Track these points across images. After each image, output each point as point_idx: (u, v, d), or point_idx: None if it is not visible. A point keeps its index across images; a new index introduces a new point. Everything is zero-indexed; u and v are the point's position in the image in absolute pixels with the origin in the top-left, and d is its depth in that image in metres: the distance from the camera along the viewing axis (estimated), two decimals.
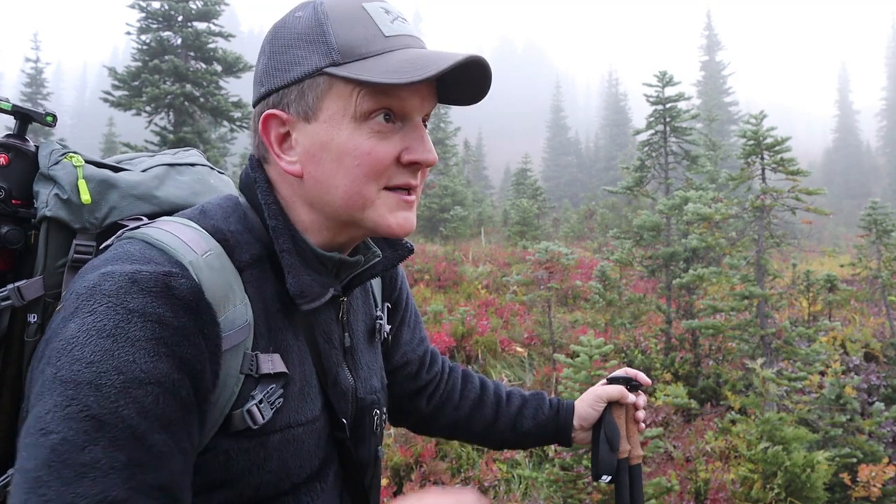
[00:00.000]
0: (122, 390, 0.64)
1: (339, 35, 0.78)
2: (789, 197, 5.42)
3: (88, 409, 0.63)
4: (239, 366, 0.77)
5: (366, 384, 0.98)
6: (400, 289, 1.16)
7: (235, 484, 0.78)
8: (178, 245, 0.77)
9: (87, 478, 0.60)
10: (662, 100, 8.04)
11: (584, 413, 1.24)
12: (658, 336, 7.35)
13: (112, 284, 0.70)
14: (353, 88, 0.78)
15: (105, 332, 0.66)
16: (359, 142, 0.79)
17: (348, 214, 0.82)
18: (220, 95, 13.01)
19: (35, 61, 27.31)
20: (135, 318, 0.68)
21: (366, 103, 0.78)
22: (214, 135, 17.54)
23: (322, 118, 0.80)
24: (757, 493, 3.86)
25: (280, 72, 0.81)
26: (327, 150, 0.80)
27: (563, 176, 50.27)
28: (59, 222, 0.89)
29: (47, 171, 0.91)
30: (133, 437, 0.64)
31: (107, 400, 0.64)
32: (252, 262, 0.83)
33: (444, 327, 7.81)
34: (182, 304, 0.71)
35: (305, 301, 0.82)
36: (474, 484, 4.40)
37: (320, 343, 0.90)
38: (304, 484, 0.85)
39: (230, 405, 0.77)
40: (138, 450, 0.64)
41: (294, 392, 0.83)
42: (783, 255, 12.31)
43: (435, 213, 21.21)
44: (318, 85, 0.79)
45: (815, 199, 5.62)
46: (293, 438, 0.83)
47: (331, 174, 0.80)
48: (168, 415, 0.67)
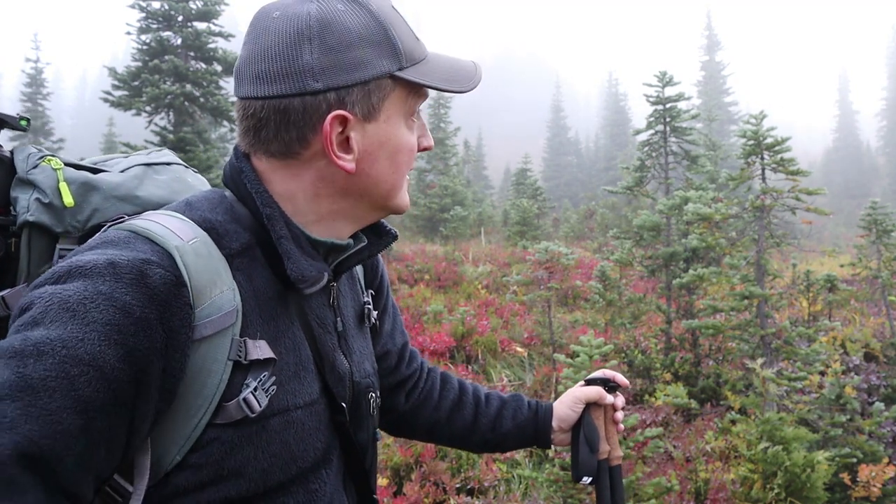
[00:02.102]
0: (60, 363, 0.65)
1: (402, 39, 0.84)
2: (789, 197, 5.42)
3: (24, 368, 0.64)
4: (227, 352, 0.77)
5: (360, 368, 0.99)
6: (381, 276, 1.16)
7: (242, 472, 0.79)
8: (164, 232, 0.77)
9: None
10: (662, 100, 8.04)
11: (563, 414, 1.24)
12: (658, 336, 7.35)
13: (90, 264, 0.71)
14: (410, 90, 0.86)
15: (67, 306, 0.67)
16: (409, 139, 0.88)
17: (385, 201, 0.90)
18: (220, 95, 12.99)
19: (35, 61, 27.29)
20: (100, 300, 0.68)
21: (416, 103, 0.88)
22: (214, 135, 17.54)
23: (382, 118, 0.84)
24: (757, 493, 3.86)
25: (345, 70, 0.80)
26: (384, 148, 0.85)
27: (563, 176, 50.23)
28: (41, 227, 0.88)
29: (26, 175, 0.90)
30: (45, 411, 0.63)
31: (42, 367, 0.64)
32: (241, 251, 0.84)
33: (444, 327, 7.81)
34: (151, 294, 0.71)
35: (307, 285, 0.84)
36: (474, 484, 4.40)
37: (315, 328, 0.91)
38: (311, 471, 0.86)
39: (219, 394, 0.77)
40: (43, 424, 0.63)
41: (288, 376, 0.84)
42: (783, 255, 12.31)
43: (435, 213, 21.21)
44: (384, 87, 0.83)
45: (815, 199, 5.62)
46: (293, 421, 0.84)
47: (385, 169, 0.87)
48: (93, 401, 0.66)
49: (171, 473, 0.76)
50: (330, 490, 0.89)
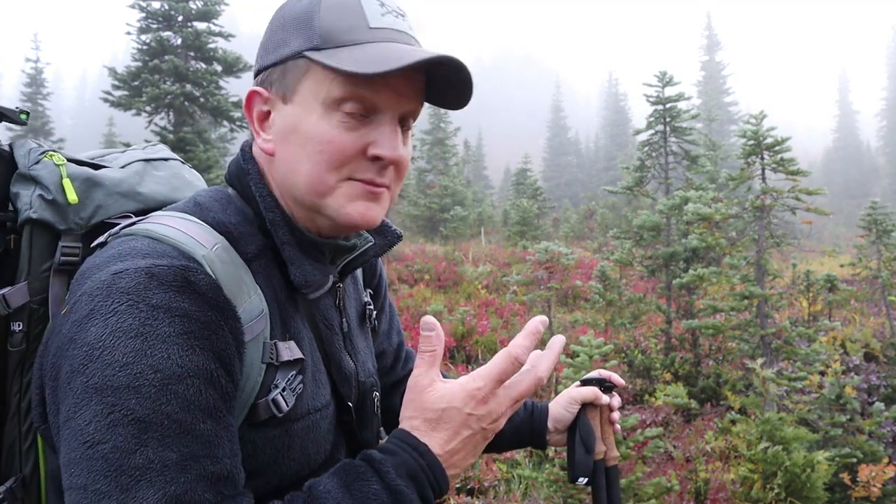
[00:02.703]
0: (162, 388, 0.64)
1: (324, 20, 0.79)
2: (789, 197, 5.42)
3: (132, 413, 0.63)
4: (260, 355, 0.78)
5: (364, 368, 0.99)
6: (379, 276, 1.16)
7: (262, 473, 0.79)
8: (186, 240, 0.75)
9: (145, 480, 0.61)
10: (662, 100, 8.04)
11: (559, 415, 1.23)
12: (658, 336, 7.35)
13: (129, 281, 0.68)
14: (326, 75, 0.78)
15: (133, 332, 0.65)
16: (324, 129, 0.78)
17: (311, 200, 0.82)
18: (220, 95, 13.00)
19: (35, 61, 27.30)
20: (160, 314, 0.67)
21: (336, 91, 0.77)
22: (214, 135, 17.53)
23: (297, 101, 0.80)
24: (757, 493, 3.86)
25: (269, 51, 0.83)
26: (295, 133, 0.80)
27: (563, 176, 50.25)
28: (43, 224, 0.86)
29: (27, 171, 0.88)
30: (181, 432, 0.64)
31: (148, 400, 0.64)
32: (258, 254, 0.83)
33: (444, 327, 7.80)
34: (204, 299, 0.70)
35: (311, 290, 0.84)
36: (474, 484, 4.40)
37: (322, 329, 0.90)
38: (319, 469, 0.86)
39: (254, 395, 0.77)
40: (188, 442, 0.64)
41: (309, 378, 0.84)
42: (783, 255, 12.31)
43: (435, 213, 21.22)
44: (297, 67, 0.80)
45: (815, 199, 5.62)
46: (313, 424, 0.84)
47: (296, 157, 0.80)
48: (211, 403, 0.67)
49: None
50: None
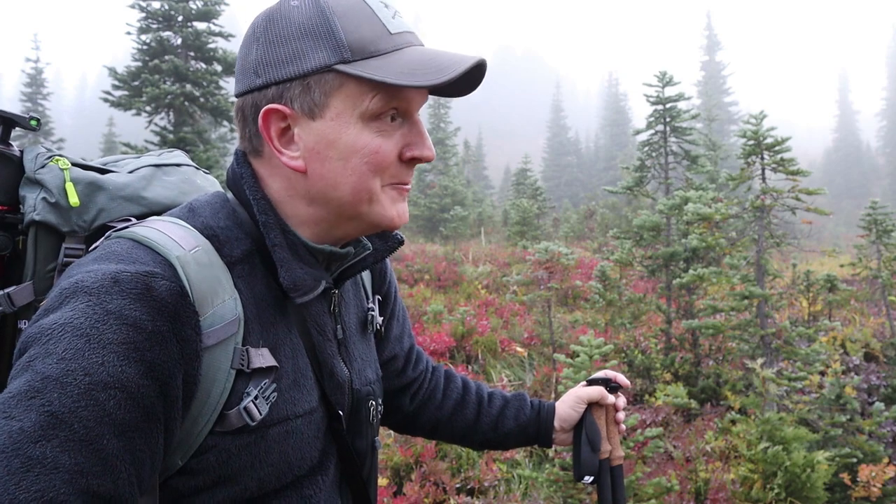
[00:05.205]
0: (86, 391, 0.64)
1: (347, 31, 0.77)
2: (789, 197, 5.42)
3: (50, 405, 0.62)
4: (229, 360, 0.77)
5: (360, 375, 0.98)
6: (389, 282, 1.15)
7: (238, 479, 0.79)
8: (166, 241, 0.76)
9: (32, 473, 0.60)
10: (662, 100, 8.04)
11: (565, 414, 1.25)
12: (658, 336, 7.35)
13: (94, 283, 0.70)
14: (363, 88, 0.77)
15: (80, 331, 0.66)
16: (366, 140, 0.79)
17: (354, 209, 0.83)
18: (220, 95, 13.00)
19: (35, 61, 27.31)
20: (111, 320, 0.67)
21: (378, 104, 0.78)
22: (214, 135, 17.56)
23: (329, 116, 0.78)
24: (757, 493, 3.86)
25: (281, 64, 0.79)
26: (334, 148, 0.79)
27: (563, 176, 50.26)
28: (47, 226, 0.89)
29: (34, 174, 0.91)
30: (85, 441, 0.63)
31: (69, 399, 0.63)
32: (243, 258, 0.83)
33: (444, 327, 7.81)
34: (160, 307, 0.71)
35: (298, 294, 0.83)
36: (474, 484, 4.40)
37: (314, 335, 0.90)
38: (306, 477, 0.86)
39: (222, 402, 0.76)
40: (87, 455, 0.63)
41: (287, 384, 0.83)
42: (783, 255, 12.32)
43: (435, 213, 21.23)
44: (326, 82, 0.77)
45: (815, 199, 5.63)
46: (292, 430, 0.83)
47: (338, 172, 0.80)
48: (127, 421, 0.66)
49: (171, 477, 0.77)
50: (324, 496, 0.89)
